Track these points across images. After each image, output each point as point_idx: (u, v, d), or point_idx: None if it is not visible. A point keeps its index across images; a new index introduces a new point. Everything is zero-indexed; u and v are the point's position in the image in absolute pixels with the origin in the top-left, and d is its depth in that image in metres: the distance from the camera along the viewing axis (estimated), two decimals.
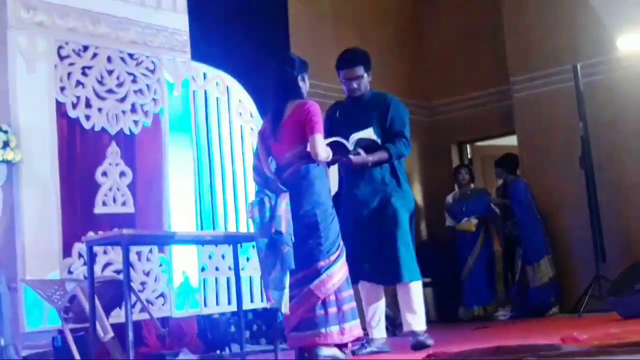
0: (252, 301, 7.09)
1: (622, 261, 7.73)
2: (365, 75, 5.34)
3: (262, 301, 7.12)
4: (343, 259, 4.63)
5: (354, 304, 4.63)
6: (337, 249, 4.63)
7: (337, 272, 4.55)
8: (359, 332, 4.60)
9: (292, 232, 4.49)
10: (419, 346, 4.83)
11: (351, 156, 4.93)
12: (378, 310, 5.23)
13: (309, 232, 4.58)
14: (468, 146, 10.35)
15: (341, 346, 4.56)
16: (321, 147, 4.57)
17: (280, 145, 4.70)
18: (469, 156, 10.34)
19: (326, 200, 4.68)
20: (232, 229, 7.14)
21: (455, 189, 9.40)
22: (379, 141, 5.06)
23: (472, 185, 9.40)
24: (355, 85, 5.31)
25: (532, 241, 8.57)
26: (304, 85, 4.81)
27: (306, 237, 4.57)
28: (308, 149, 4.63)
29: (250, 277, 7.11)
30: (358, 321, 4.61)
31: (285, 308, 4.54)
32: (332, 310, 4.51)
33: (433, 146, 10.04)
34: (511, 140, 9.56)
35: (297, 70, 4.76)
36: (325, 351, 4.46)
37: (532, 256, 8.56)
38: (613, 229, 8.32)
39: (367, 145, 4.98)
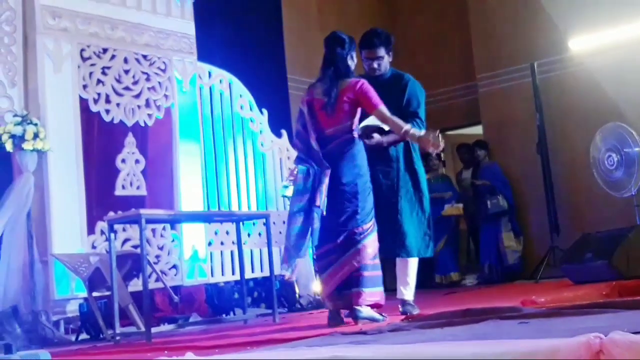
0: (253, 271, 7.11)
1: (573, 233, 7.76)
2: (386, 56, 4.94)
3: (261, 271, 7.16)
4: (376, 232, 4.46)
5: (380, 272, 4.46)
6: (371, 220, 4.45)
7: (370, 244, 4.38)
8: (379, 298, 4.42)
9: (326, 205, 4.35)
10: (406, 313, 4.74)
11: (365, 140, 4.64)
12: None
13: (348, 201, 4.38)
14: (439, 135, 10.33)
15: (373, 307, 4.39)
16: (385, 113, 4.36)
17: (331, 118, 4.43)
18: None
19: (366, 174, 4.48)
20: (235, 208, 7.15)
21: None
22: (385, 127, 4.71)
23: (441, 170, 9.38)
24: (375, 65, 4.91)
25: (515, 217, 8.61)
26: (352, 62, 4.55)
27: (345, 205, 4.39)
28: (354, 126, 4.45)
29: (251, 251, 7.12)
30: (380, 289, 4.44)
31: (289, 274, 4.41)
32: (368, 273, 4.34)
33: None
34: (477, 130, 9.58)
35: (346, 50, 4.52)
36: (364, 312, 4.30)
37: (518, 230, 8.59)
38: (565, 206, 8.38)
39: (381, 128, 4.73)
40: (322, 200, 4.35)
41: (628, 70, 7.94)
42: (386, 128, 4.75)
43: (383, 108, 4.39)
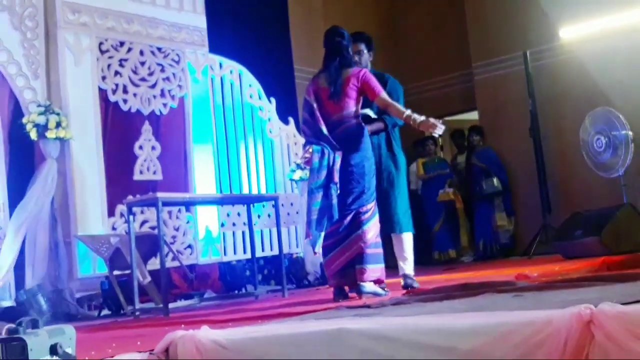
0: (263, 250, 7.12)
1: (564, 212, 7.76)
2: (366, 52, 5.04)
3: (271, 250, 7.18)
4: (377, 214, 4.51)
5: (381, 249, 4.51)
6: (373, 200, 4.49)
7: (373, 227, 4.43)
8: (380, 274, 4.46)
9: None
10: (407, 287, 4.78)
11: None
12: None
13: (356, 181, 4.42)
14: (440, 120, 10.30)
15: (375, 282, 4.43)
16: (386, 98, 4.44)
17: (337, 105, 4.47)
18: None
19: (371, 157, 4.52)
20: (245, 191, 7.16)
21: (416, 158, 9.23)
22: (372, 115, 4.84)
23: (439, 154, 9.33)
24: (356, 58, 4.96)
25: (509, 198, 8.60)
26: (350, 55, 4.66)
27: (354, 186, 4.42)
28: (359, 112, 4.49)
29: (261, 231, 7.13)
30: (381, 265, 4.47)
31: (318, 248, 4.42)
32: (370, 251, 4.39)
33: None
34: (473, 115, 9.54)
35: (346, 42, 4.59)
36: (367, 287, 4.33)
37: (510, 211, 8.58)
38: (556, 186, 8.37)
39: (367, 117, 4.84)
40: (337, 176, 4.37)
41: (616, 57, 7.89)
42: (372, 114, 4.79)
43: (384, 95, 4.46)
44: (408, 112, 4.40)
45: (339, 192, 4.38)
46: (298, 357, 2.11)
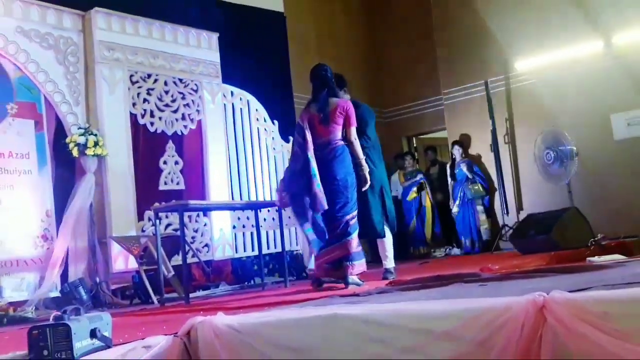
0: (268, 248, 7.11)
1: (519, 214, 7.79)
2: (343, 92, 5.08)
3: (275, 248, 7.16)
4: (357, 224, 4.55)
5: (361, 248, 4.59)
6: (355, 209, 4.53)
7: (356, 235, 4.50)
8: (363, 268, 4.55)
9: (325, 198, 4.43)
10: (385, 279, 4.80)
11: None
12: None
13: (341, 193, 4.46)
14: (414, 138, 10.34)
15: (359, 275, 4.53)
16: (355, 134, 4.54)
17: (326, 129, 4.51)
18: (414, 145, 10.32)
19: (352, 172, 4.54)
20: (253, 198, 7.15)
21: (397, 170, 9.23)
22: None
23: (413, 167, 9.33)
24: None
25: (488, 200, 8.57)
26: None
27: (339, 197, 4.45)
28: (343, 134, 4.54)
29: (267, 232, 7.12)
30: (363, 260, 4.56)
31: (311, 236, 4.50)
32: (356, 250, 4.46)
33: (388, 139, 9.93)
34: (443, 134, 9.55)
35: (330, 76, 4.63)
36: (351, 279, 4.41)
37: (489, 212, 8.56)
38: (513, 193, 8.38)
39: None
40: (321, 204, 4.38)
41: (562, 85, 7.93)
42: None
43: (354, 131, 4.57)
44: (363, 161, 4.58)
45: (326, 207, 4.41)
46: (299, 338, 2.11)
